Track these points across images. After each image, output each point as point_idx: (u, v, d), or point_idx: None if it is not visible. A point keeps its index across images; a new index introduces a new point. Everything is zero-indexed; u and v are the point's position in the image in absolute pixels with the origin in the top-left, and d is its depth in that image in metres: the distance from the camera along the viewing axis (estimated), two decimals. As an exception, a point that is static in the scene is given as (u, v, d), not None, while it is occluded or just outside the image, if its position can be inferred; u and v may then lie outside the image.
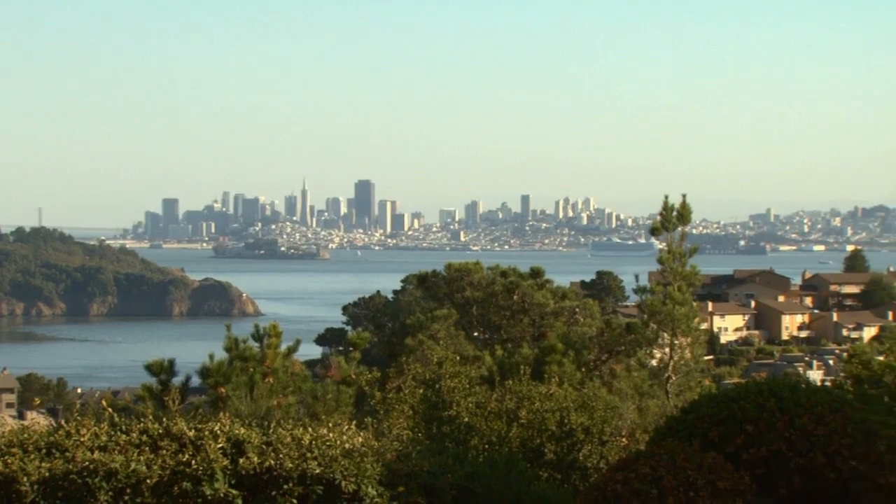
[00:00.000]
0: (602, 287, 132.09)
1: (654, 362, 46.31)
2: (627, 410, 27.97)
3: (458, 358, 25.87)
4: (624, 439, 22.55)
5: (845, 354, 48.81)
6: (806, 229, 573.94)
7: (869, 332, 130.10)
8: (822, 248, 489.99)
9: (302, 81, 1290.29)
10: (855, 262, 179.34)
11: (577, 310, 59.40)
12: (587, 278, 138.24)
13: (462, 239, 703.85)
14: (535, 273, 58.23)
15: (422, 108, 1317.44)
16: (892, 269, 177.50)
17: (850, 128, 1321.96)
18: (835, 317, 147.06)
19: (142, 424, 13.85)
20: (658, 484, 13.31)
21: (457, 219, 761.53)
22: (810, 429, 13.84)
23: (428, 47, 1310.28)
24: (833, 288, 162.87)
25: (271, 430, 13.98)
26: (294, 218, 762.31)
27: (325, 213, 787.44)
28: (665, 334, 44.88)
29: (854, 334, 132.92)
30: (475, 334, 59.97)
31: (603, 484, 13.91)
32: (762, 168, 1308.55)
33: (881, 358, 31.63)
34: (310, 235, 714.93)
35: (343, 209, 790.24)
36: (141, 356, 37.46)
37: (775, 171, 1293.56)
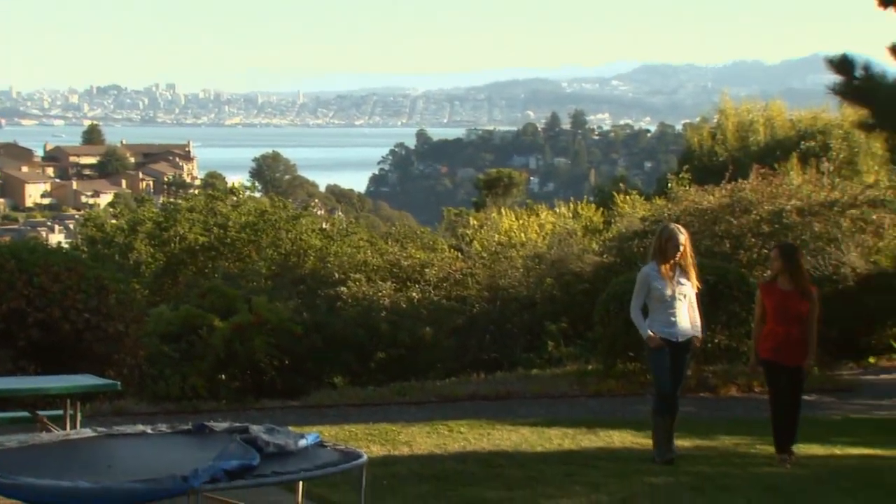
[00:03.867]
0: None
1: None
2: None
3: None
4: None
5: (83, 219, 49.22)
6: (46, 105, 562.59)
7: (106, 199, 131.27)
8: (61, 122, 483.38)
9: None
10: (92, 136, 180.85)
11: None
12: None
13: None
14: None
15: None
16: (124, 141, 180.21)
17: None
18: (74, 185, 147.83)
19: None
20: None
21: None
22: (47, 286, 14.05)
23: None
24: (72, 159, 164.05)
25: None
26: None
27: None
28: None
29: (92, 201, 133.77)
30: None
31: None
32: (3, 49, 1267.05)
33: (114, 221, 32.41)
34: None
35: None
36: None
37: (16, 52, 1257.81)
